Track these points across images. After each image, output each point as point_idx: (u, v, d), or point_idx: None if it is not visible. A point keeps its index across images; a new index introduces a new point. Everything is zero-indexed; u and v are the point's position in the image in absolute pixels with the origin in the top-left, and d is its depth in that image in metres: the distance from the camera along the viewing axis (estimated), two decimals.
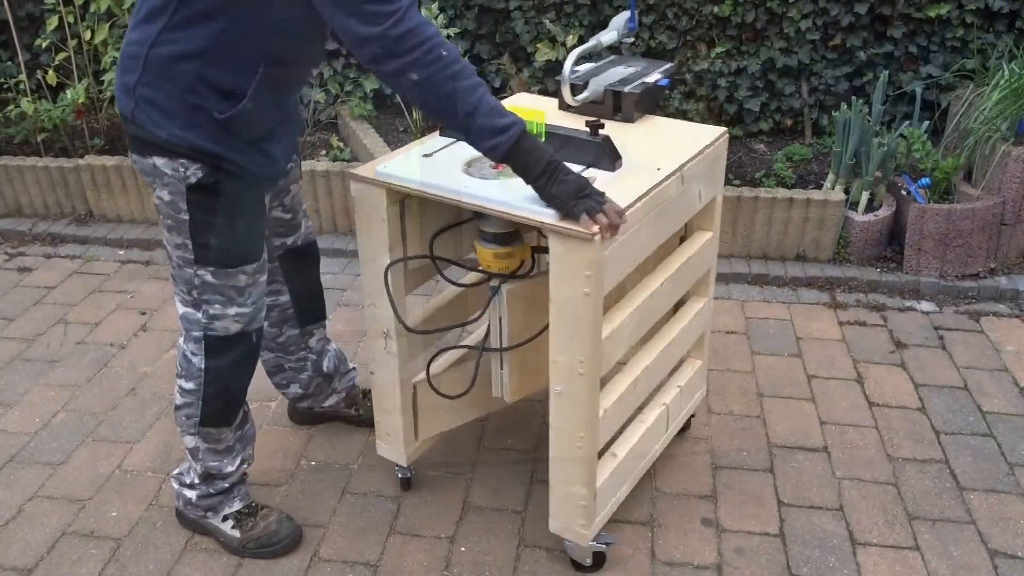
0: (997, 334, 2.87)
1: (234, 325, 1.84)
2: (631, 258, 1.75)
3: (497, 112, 1.53)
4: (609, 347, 1.74)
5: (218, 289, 1.80)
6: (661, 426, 2.14)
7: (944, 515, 2.15)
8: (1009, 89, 3.11)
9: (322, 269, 3.32)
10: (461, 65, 1.51)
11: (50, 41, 3.84)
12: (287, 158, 1.89)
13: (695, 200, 1.97)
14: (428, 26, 1.48)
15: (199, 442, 1.95)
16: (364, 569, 2.01)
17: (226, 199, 1.73)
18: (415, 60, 1.47)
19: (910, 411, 2.52)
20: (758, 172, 3.52)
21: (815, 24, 3.64)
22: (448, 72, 1.48)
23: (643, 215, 1.73)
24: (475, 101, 1.51)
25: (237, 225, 1.76)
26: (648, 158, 1.87)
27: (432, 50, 1.47)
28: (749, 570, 2.00)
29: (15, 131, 3.83)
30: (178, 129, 1.65)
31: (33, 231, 3.64)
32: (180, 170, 1.68)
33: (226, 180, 1.71)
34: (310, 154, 3.72)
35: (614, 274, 1.68)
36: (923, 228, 3.07)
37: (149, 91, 1.65)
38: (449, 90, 1.49)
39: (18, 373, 2.76)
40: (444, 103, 1.52)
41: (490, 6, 3.87)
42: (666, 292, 1.96)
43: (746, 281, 3.20)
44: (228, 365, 1.87)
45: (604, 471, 1.90)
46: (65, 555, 2.07)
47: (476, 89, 1.52)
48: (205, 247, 1.75)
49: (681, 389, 2.19)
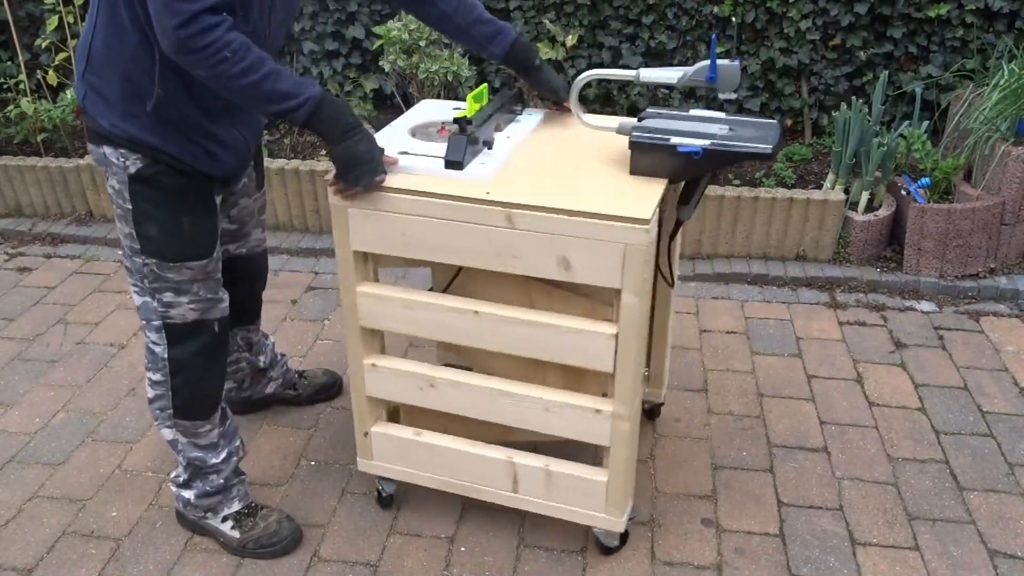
0: (997, 334, 2.87)
1: (191, 313, 1.85)
2: (389, 239, 1.77)
3: (287, 96, 1.60)
4: (365, 304, 1.85)
5: (165, 280, 1.82)
6: (501, 475, 1.98)
7: (944, 515, 2.15)
8: (1009, 89, 3.11)
9: (322, 269, 3.36)
10: (247, 63, 1.55)
11: (50, 41, 3.84)
12: (237, 162, 1.88)
13: (546, 262, 1.68)
14: (216, 28, 1.51)
15: (177, 435, 1.96)
16: (364, 569, 2.02)
17: (167, 193, 1.75)
18: (202, 60, 1.53)
19: (910, 411, 2.52)
20: (758, 172, 3.52)
21: (815, 24, 3.64)
22: (234, 71, 1.54)
23: (421, 210, 1.72)
24: (265, 92, 1.58)
25: (180, 220, 1.78)
26: (518, 182, 1.73)
27: (216, 52, 1.52)
28: (749, 570, 2.00)
29: (15, 131, 3.83)
30: (118, 119, 1.69)
31: (33, 231, 3.64)
32: (121, 160, 1.72)
33: (167, 173, 1.74)
34: (310, 154, 3.72)
35: (364, 239, 1.78)
36: (923, 228, 3.07)
37: (95, 80, 1.70)
38: (235, 87, 1.57)
39: (18, 373, 2.76)
40: (236, 95, 1.61)
41: (490, 6, 3.87)
42: (477, 325, 1.80)
43: (746, 281, 3.20)
44: (191, 354, 1.88)
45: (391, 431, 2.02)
46: (65, 555, 2.07)
47: (263, 82, 1.57)
48: (148, 238, 1.78)
49: (548, 472, 1.92)
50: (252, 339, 2.34)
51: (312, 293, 3.18)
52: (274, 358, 2.45)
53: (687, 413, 2.51)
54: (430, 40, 3.46)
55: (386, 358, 1.97)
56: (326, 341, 2.89)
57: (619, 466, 1.86)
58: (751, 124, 1.81)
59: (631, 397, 1.77)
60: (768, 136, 1.74)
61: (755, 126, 1.80)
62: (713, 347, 2.82)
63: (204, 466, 2.00)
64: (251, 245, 2.16)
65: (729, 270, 3.21)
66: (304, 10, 3.91)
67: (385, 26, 3.54)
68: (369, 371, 1.95)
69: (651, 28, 3.78)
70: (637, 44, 3.83)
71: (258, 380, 2.44)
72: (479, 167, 1.76)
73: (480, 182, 1.73)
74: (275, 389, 2.49)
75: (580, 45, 3.86)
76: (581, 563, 2.02)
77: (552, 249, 1.66)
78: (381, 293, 1.87)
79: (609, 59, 3.84)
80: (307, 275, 3.30)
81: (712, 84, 1.74)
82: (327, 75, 4.00)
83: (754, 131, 1.77)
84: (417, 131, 1.94)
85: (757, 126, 1.80)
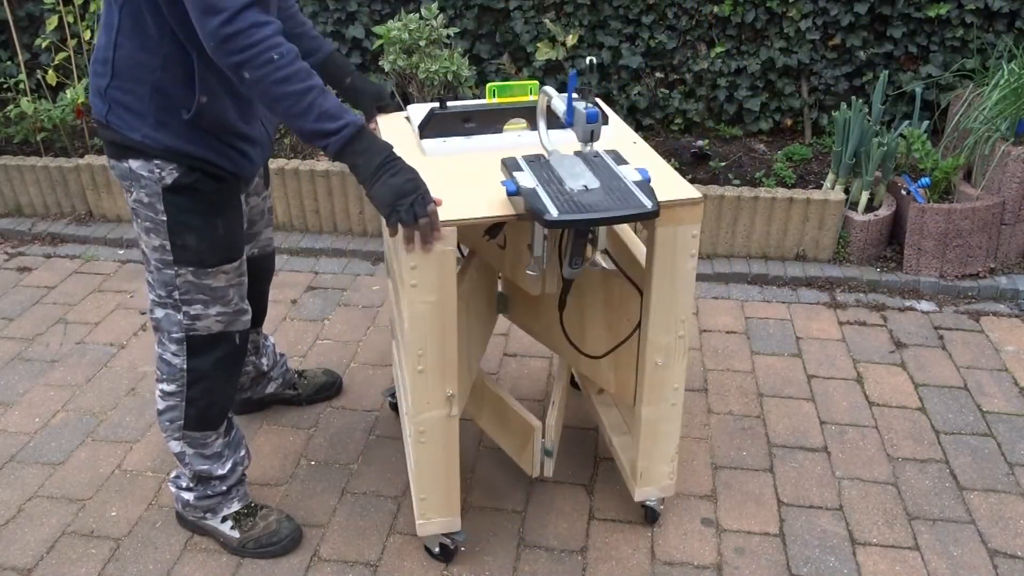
0: (997, 334, 2.87)
1: (216, 325, 1.85)
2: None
3: (328, 116, 1.53)
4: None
5: (199, 288, 1.81)
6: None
7: (944, 515, 2.15)
8: (1009, 89, 3.11)
9: (322, 269, 3.36)
10: (294, 68, 1.50)
11: (50, 41, 3.84)
12: (263, 157, 1.89)
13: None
14: (264, 27, 1.47)
15: (184, 447, 1.95)
16: (364, 569, 2.01)
17: (203, 199, 1.74)
18: (246, 60, 1.47)
19: (910, 411, 2.52)
20: (758, 172, 3.52)
21: (815, 24, 3.64)
22: (278, 76, 1.49)
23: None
24: (304, 106, 1.52)
25: (216, 224, 1.77)
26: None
27: (263, 52, 1.47)
28: (749, 570, 2.00)
29: (15, 131, 3.83)
30: (151, 130, 1.66)
31: (33, 231, 3.64)
32: (156, 171, 1.69)
33: (203, 180, 1.72)
34: (310, 154, 3.72)
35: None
36: (923, 228, 3.07)
37: (120, 94, 1.66)
38: (278, 93, 1.50)
39: (18, 373, 2.76)
40: (275, 104, 1.52)
41: (490, 6, 3.87)
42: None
43: (746, 281, 3.20)
44: (210, 365, 1.87)
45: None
46: (65, 555, 2.07)
47: (307, 93, 1.52)
48: (184, 248, 1.76)
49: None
50: (259, 342, 2.35)
51: (312, 293, 3.18)
52: (274, 358, 2.45)
53: (687, 413, 2.51)
54: (430, 40, 3.46)
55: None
56: (326, 341, 2.89)
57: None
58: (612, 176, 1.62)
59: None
60: (625, 197, 1.55)
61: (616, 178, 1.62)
62: (713, 347, 2.82)
63: (210, 477, 2.00)
64: (262, 244, 2.16)
65: (729, 270, 3.21)
66: (304, 10, 3.91)
67: (385, 26, 3.54)
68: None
69: (651, 28, 3.78)
70: (637, 44, 3.83)
71: (259, 381, 2.44)
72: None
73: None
74: (275, 389, 2.49)
75: (580, 45, 3.86)
76: (581, 563, 2.02)
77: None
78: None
79: (609, 59, 3.84)
80: (307, 275, 3.30)
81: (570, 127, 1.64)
82: None
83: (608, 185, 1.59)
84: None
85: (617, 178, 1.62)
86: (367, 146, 1.55)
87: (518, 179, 1.60)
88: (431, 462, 1.83)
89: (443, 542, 1.99)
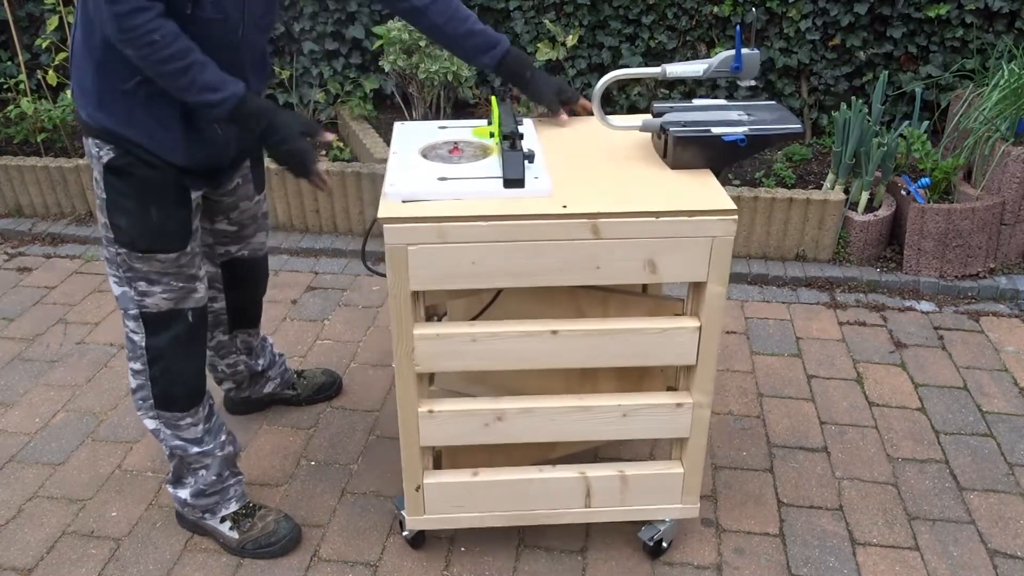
0: (997, 334, 2.87)
1: (164, 302, 1.86)
2: (456, 272, 1.64)
3: (210, 87, 1.63)
4: (423, 347, 1.71)
5: (135, 269, 1.83)
6: (573, 493, 1.94)
7: (944, 515, 2.15)
8: (1009, 89, 3.11)
9: (322, 269, 3.36)
10: (174, 48, 1.59)
11: (50, 41, 3.84)
12: (212, 157, 1.86)
13: (633, 267, 1.65)
14: (146, 11, 1.55)
15: (159, 425, 1.96)
16: (364, 569, 2.02)
17: (137, 183, 1.76)
18: (131, 41, 1.57)
19: (910, 411, 2.52)
20: (758, 172, 3.52)
21: (815, 24, 3.64)
22: (160, 55, 1.58)
23: (492, 235, 1.61)
24: (187, 82, 1.62)
25: (148, 211, 1.78)
26: (581, 194, 1.67)
27: (145, 35, 1.56)
28: (749, 570, 2.00)
29: (15, 131, 3.83)
30: (93, 109, 1.72)
31: (33, 231, 3.64)
32: (95, 149, 1.75)
33: (136, 164, 1.74)
34: None
35: (427, 277, 1.64)
36: (923, 228, 3.07)
37: (78, 73, 1.73)
38: (162, 71, 1.61)
39: (18, 373, 2.76)
40: (163, 81, 1.64)
41: (490, 6, 3.87)
42: (557, 345, 1.74)
43: (746, 281, 3.20)
44: (167, 343, 1.88)
45: (450, 478, 1.90)
46: (65, 555, 2.07)
47: (188, 70, 1.61)
48: (119, 228, 1.79)
49: (623, 478, 1.91)
50: (252, 343, 2.34)
51: (312, 293, 3.18)
52: (272, 358, 2.45)
53: None
54: (430, 40, 3.46)
55: (444, 401, 1.83)
56: (326, 341, 2.89)
57: (697, 455, 1.88)
58: (760, 108, 1.86)
59: (710, 386, 1.79)
60: (784, 116, 1.81)
61: (765, 109, 1.86)
62: None
63: (187, 455, 1.99)
64: (252, 248, 2.16)
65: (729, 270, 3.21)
66: (304, 10, 3.91)
67: (385, 26, 3.55)
68: (425, 419, 1.80)
69: (651, 28, 3.78)
70: (637, 44, 3.83)
71: (256, 381, 2.44)
72: (535, 181, 1.67)
73: (547, 196, 1.64)
74: (273, 389, 2.49)
75: (580, 45, 3.86)
76: (581, 563, 2.02)
77: (639, 254, 1.63)
78: (443, 332, 1.71)
79: (609, 59, 3.84)
80: (307, 275, 3.30)
81: (736, 74, 1.77)
82: (327, 75, 4.00)
83: (768, 113, 1.83)
84: (428, 153, 1.84)
85: (767, 108, 1.86)
86: (252, 110, 1.67)
87: (724, 130, 1.74)
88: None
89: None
